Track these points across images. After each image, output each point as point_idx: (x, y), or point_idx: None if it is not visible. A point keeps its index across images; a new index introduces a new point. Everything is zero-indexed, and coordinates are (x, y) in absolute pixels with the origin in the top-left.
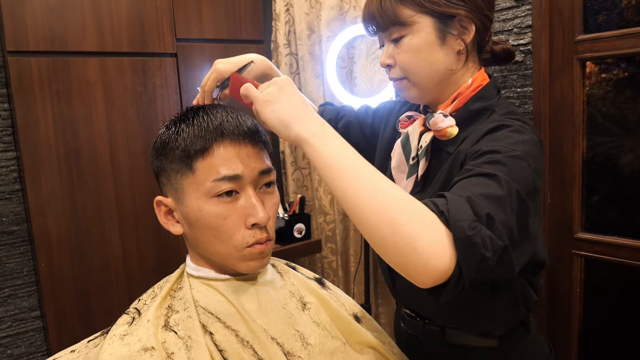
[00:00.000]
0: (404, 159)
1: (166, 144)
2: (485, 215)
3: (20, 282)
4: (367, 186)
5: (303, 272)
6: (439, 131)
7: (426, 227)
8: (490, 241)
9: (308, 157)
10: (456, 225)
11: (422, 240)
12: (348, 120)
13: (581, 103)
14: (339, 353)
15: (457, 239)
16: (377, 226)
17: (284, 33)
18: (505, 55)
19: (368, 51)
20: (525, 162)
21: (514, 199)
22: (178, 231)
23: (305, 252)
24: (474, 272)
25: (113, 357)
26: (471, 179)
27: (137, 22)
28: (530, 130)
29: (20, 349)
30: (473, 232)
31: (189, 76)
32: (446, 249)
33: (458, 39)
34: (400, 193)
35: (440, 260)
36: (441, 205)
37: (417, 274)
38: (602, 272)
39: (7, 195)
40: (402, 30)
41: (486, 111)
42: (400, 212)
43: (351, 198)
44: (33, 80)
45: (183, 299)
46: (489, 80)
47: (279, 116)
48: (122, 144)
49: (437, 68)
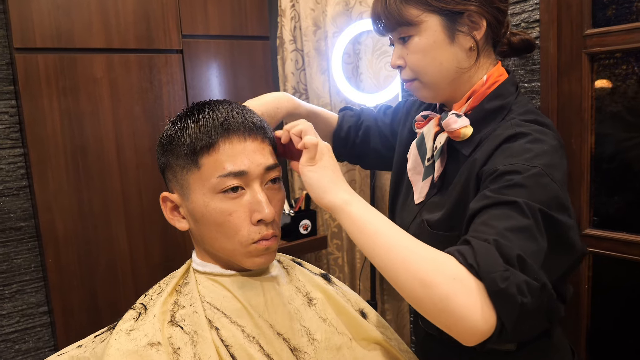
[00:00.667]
0: (419, 161)
1: (172, 140)
2: (517, 257)
3: (28, 278)
4: (396, 248)
5: (309, 268)
6: (452, 132)
7: (458, 285)
8: (527, 286)
9: (340, 222)
10: (489, 278)
11: (457, 300)
12: (367, 126)
13: (589, 98)
14: (345, 349)
15: (492, 292)
16: (412, 288)
17: (289, 29)
18: (523, 46)
19: (374, 47)
20: (548, 177)
21: (540, 221)
22: (184, 227)
23: (311, 249)
24: (515, 321)
25: (119, 352)
26: (492, 210)
27: (143, 18)
28: (551, 135)
29: (28, 344)
30: (506, 283)
31: (195, 72)
32: (481, 306)
33: (468, 35)
34: (429, 252)
35: (477, 320)
36: (469, 258)
37: (458, 334)
38: (610, 269)
39: (15, 192)
40: (409, 30)
41: (503, 110)
42: (431, 272)
43: (382, 259)
44: (40, 77)
45: (189, 295)
46: (507, 77)
47: (319, 181)
48: (129, 141)
49: (448, 67)
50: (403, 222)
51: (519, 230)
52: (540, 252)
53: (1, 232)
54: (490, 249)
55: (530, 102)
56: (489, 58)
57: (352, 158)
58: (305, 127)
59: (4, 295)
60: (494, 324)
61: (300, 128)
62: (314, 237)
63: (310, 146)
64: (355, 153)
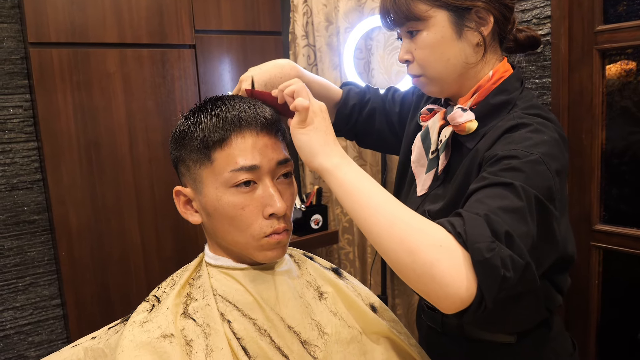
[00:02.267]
0: (423, 153)
1: (185, 135)
2: (504, 233)
3: (41, 271)
4: (385, 214)
5: (320, 262)
6: (457, 126)
7: (443, 253)
8: (511, 261)
9: (329, 185)
10: (474, 247)
11: (440, 266)
12: (373, 107)
13: (600, 94)
14: (355, 342)
15: (476, 262)
16: (396, 253)
17: (301, 24)
18: (530, 42)
19: (386, 42)
20: (545, 165)
21: (534, 206)
22: (197, 221)
23: (322, 243)
24: (495, 293)
25: (133, 343)
26: (487, 189)
27: (156, 13)
28: (552, 128)
29: (41, 336)
30: (491, 253)
31: (207, 67)
32: (465, 274)
33: (475, 31)
34: (417, 219)
35: (459, 287)
36: (458, 227)
37: (438, 300)
38: (620, 264)
39: (29, 185)
40: (417, 25)
41: (508, 105)
42: (418, 239)
43: (370, 226)
44: (54, 72)
45: (202, 288)
46: (512, 72)
47: (310, 143)
48: (141, 135)
49: (455, 63)
50: None
51: (511, 211)
52: (528, 235)
53: (15, 225)
54: (480, 220)
55: (535, 98)
56: (495, 54)
57: (351, 135)
58: (298, 88)
59: (18, 287)
60: (474, 293)
61: (292, 89)
62: (325, 231)
63: (301, 109)
64: (356, 131)
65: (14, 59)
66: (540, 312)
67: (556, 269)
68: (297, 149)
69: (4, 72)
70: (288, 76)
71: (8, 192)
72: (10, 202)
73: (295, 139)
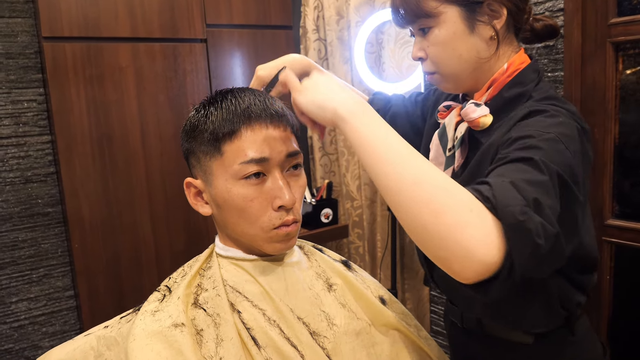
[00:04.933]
0: (441, 151)
1: (195, 127)
2: (533, 200)
3: (55, 263)
4: (410, 171)
5: (329, 255)
6: (471, 122)
7: (474, 217)
8: (543, 228)
9: (346, 137)
10: (506, 210)
11: (469, 230)
12: (395, 112)
13: (613, 88)
14: (364, 334)
15: (509, 226)
16: (420, 215)
17: (312, 18)
18: (548, 32)
19: (397, 36)
20: (563, 144)
21: (556, 183)
22: (207, 212)
23: (332, 237)
24: (527, 262)
25: (145, 332)
26: (507, 165)
27: (167, 8)
28: (569, 116)
29: (54, 326)
30: (525, 216)
31: (219, 62)
32: (494, 239)
33: (488, 25)
34: (445, 180)
35: (487, 252)
36: (486, 192)
37: (460, 267)
38: (632, 260)
39: (43, 178)
40: (428, 22)
41: (522, 97)
42: (445, 201)
43: (392, 183)
44: (67, 66)
45: (212, 278)
46: (529, 63)
47: (314, 99)
48: (153, 128)
49: (468, 58)
50: None
51: (536, 184)
52: (554, 208)
53: (29, 218)
54: (509, 187)
55: (553, 89)
56: (510, 45)
57: None
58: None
59: (32, 279)
60: (501, 260)
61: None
62: (335, 225)
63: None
64: None
65: (28, 53)
66: (555, 311)
67: (575, 267)
68: (308, 115)
69: (18, 66)
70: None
71: (22, 184)
72: (25, 194)
73: (301, 105)
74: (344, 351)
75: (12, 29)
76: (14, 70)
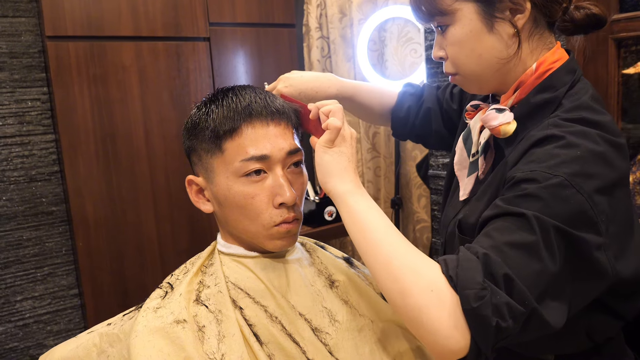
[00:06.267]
0: (465, 155)
1: (197, 125)
2: (503, 276)
3: (59, 261)
4: (383, 250)
5: (331, 251)
6: (492, 129)
7: (433, 298)
8: (508, 309)
9: (338, 210)
10: (463, 294)
11: (429, 313)
12: (428, 107)
13: (616, 84)
14: (367, 330)
15: (464, 310)
16: (391, 294)
17: (315, 16)
18: (590, 22)
19: (399, 34)
20: (573, 188)
21: (553, 239)
22: (208, 209)
23: (335, 235)
24: (492, 344)
25: (147, 328)
26: (497, 221)
27: (171, 6)
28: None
29: (59, 325)
30: (479, 302)
31: (222, 60)
32: (454, 323)
33: (509, 22)
34: (414, 258)
35: (448, 337)
36: (451, 269)
37: (430, 348)
38: None
39: (47, 177)
40: (444, 20)
41: (551, 104)
42: (410, 280)
43: (369, 260)
44: (71, 65)
45: (214, 275)
46: (564, 62)
47: (329, 165)
48: (157, 127)
49: (488, 58)
50: (447, 218)
51: (520, 247)
52: (543, 273)
53: (33, 217)
54: (474, 262)
55: (589, 93)
56: (540, 42)
57: (414, 137)
58: (334, 109)
59: (37, 277)
60: (467, 343)
61: (329, 108)
62: (338, 223)
63: (333, 128)
64: (416, 133)
65: (32, 53)
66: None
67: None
68: (316, 166)
69: (22, 66)
70: (324, 89)
71: (27, 183)
72: (29, 193)
73: (319, 156)
74: (346, 347)
75: (16, 29)
76: (18, 69)
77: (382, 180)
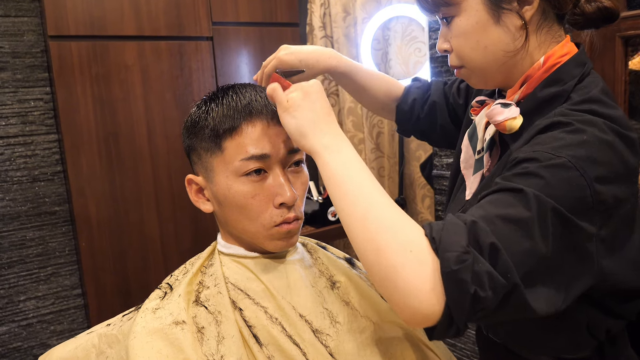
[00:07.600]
0: (471, 152)
1: (196, 123)
2: (489, 245)
3: (62, 261)
4: (359, 204)
5: (333, 252)
6: (497, 125)
7: (411, 260)
8: (489, 278)
9: (319, 168)
10: (444, 256)
11: (404, 273)
12: (433, 101)
13: (623, 82)
14: (368, 332)
15: (443, 273)
16: (365, 252)
17: (319, 15)
18: (602, 15)
19: (403, 33)
20: (576, 170)
21: (549, 220)
22: (208, 209)
23: (339, 235)
24: (466, 315)
25: (145, 329)
26: (494, 195)
27: (173, 6)
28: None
29: (62, 325)
30: (460, 265)
31: (225, 59)
32: (431, 286)
33: (516, 13)
34: (394, 216)
35: (422, 300)
36: (435, 231)
37: (399, 310)
38: None
39: (50, 177)
40: (449, 10)
41: (559, 98)
42: (386, 238)
43: (345, 217)
44: (73, 64)
45: (214, 276)
46: (573, 55)
47: (298, 125)
48: (160, 127)
49: (494, 51)
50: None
51: (513, 221)
52: (532, 253)
53: (37, 217)
54: (461, 227)
55: (599, 87)
56: (549, 34)
57: (418, 133)
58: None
59: (40, 277)
60: (441, 309)
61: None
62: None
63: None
64: (421, 127)
65: (35, 52)
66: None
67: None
68: (289, 134)
69: (24, 66)
70: (324, 59)
71: (30, 183)
72: (32, 193)
73: (284, 124)
74: (347, 349)
75: (19, 28)
76: (21, 69)
77: (386, 180)
